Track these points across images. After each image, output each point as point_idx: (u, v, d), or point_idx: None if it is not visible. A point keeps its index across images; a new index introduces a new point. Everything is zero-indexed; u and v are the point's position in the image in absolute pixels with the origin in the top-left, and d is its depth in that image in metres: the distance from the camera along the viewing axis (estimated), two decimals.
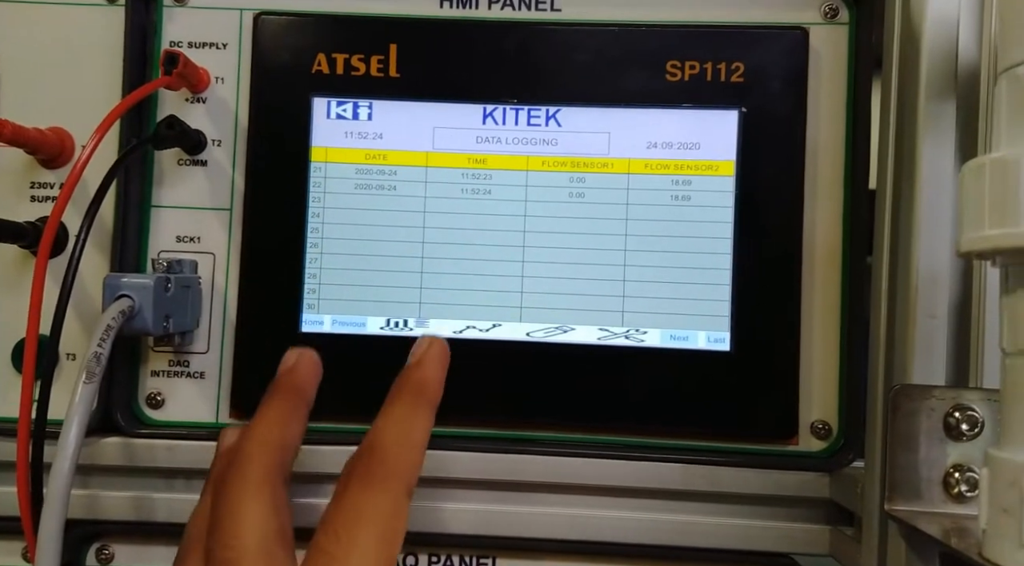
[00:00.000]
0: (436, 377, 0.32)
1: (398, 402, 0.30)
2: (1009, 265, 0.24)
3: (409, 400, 0.30)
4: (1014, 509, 0.22)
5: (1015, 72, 0.23)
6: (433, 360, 0.32)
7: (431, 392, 0.31)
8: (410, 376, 0.31)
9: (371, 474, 0.28)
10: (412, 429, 0.29)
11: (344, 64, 0.39)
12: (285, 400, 0.32)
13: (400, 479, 0.28)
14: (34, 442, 0.33)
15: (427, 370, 0.31)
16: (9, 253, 0.39)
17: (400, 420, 0.29)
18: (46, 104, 0.40)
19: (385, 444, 0.29)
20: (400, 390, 0.31)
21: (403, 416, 0.30)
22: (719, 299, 0.38)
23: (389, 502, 0.27)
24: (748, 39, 0.39)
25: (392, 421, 0.29)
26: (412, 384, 0.31)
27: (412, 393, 0.30)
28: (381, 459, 0.28)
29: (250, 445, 0.30)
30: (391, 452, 0.28)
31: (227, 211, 0.40)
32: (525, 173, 0.39)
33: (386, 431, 0.29)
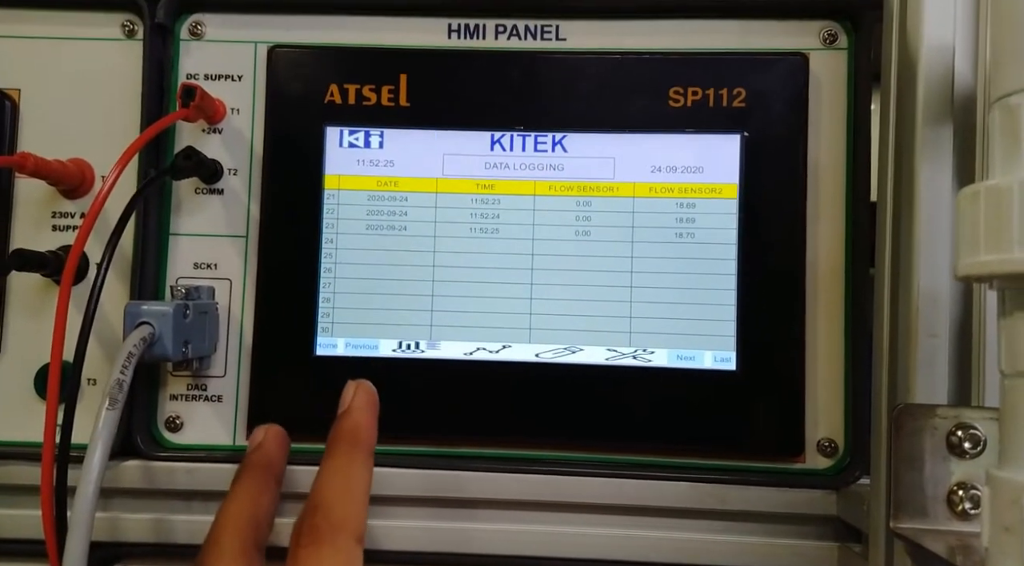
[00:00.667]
0: (367, 422, 0.32)
1: (335, 454, 0.31)
2: (1005, 289, 0.24)
3: (344, 450, 0.31)
4: (1016, 527, 0.23)
5: (1007, 102, 0.24)
6: (361, 406, 0.33)
7: (364, 438, 0.32)
8: (342, 425, 0.32)
9: (319, 532, 0.28)
10: (351, 480, 0.30)
11: (356, 94, 0.40)
12: (254, 477, 0.33)
13: (348, 531, 0.29)
14: (58, 467, 0.34)
15: (356, 416, 0.32)
16: (31, 281, 0.40)
17: (338, 472, 0.30)
18: (67, 136, 0.41)
19: (328, 500, 0.29)
20: (335, 441, 0.31)
21: (341, 468, 0.30)
22: (725, 319, 0.39)
23: (341, 557, 0.28)
24: (749, 65, 0.40)
25: (331, 475, 0.30)
26: (345, 434, 0.32)
27: (346, 443, 0.31)
28: (326, 515, 0.29)
29: (224, 521, 0.31)
30: (335, 507, 0.29)
31: (243, 238, 0.41)
32: (532, 198, 0.40)
33: (327, 487, 0.30)
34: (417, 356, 0.40)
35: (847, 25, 0.40)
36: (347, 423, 0.32)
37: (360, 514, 0.30)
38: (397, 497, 0.39)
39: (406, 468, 0.39)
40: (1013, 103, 0.24)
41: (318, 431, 0.39)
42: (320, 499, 0.29)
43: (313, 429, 0.40)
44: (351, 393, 0.33)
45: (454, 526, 0.39)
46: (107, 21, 0.41)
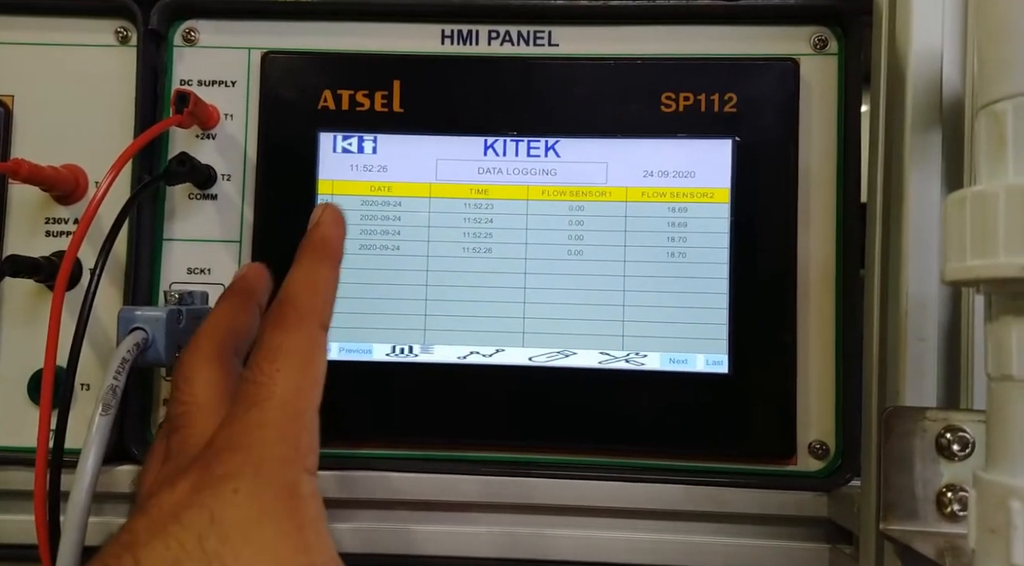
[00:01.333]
0: (335, 234, 0.33)
1: (303, 259, 0.32)
2: (992, 293, 0.25)
3: (312, 255, 0.32)
4: (1001, 529, 0.23)
5: (993, 109, 0.24)
6: (329, 221, 0.33)
7: (332, 248, 0.33)
8: (311, 237, 0.33)
9: (284, 317, 0.30)
10: (317, 278, 0.31)
11: (349, 100, 0.40)
12: (233, 298, 0.34)
13: (313, 317, 0.30)
14: (51, 472, 0.34)
15: (324, 229, 0.33)
16: (25, 287, 0.40)
17: (306, 272, 0.32)
18: (60, 142, 0.41)
19: (294, 292, 0.31)
20: (304, 249, 0.33)
21: (308, 269, 0.32)
22: (717, 322, 0.39)
23: (304, 337, 0.29)
24: (740, 71, 0.40)
25: (299, 274, 0.31)
26: (314, 243, 0.33)
27: (314, 249, 0.32)
28: (292, 304, 0.30)
29: (203, 329, 0.33)
30: (301, 297, 0.30)
31: (237, 243, 0.41)
32: (525, 202, 0.40)
33: (294, 282, 0.31)
34: (411, 360, 0.40)
35: (837, 31, 0.40)
36: (316, 235, 0.33)
37: (326, 304, 0.31)
38: (389, 500, 0.39)
39: (399, 472, 0.39)
40: (999, 110, 0.24)
41: None
42: (287, 292, 0.31)
43: None
44: (319, 212, 0.34)
45: (448, 529, 0.39)
46: (101, 27, 0.41)
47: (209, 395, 0.30)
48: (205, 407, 0.30)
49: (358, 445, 0.40)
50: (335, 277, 0.32)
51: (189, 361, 0.31)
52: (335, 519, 0.39)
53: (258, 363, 0.29)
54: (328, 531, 0.27)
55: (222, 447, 0.27)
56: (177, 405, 0.30)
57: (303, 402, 0.28)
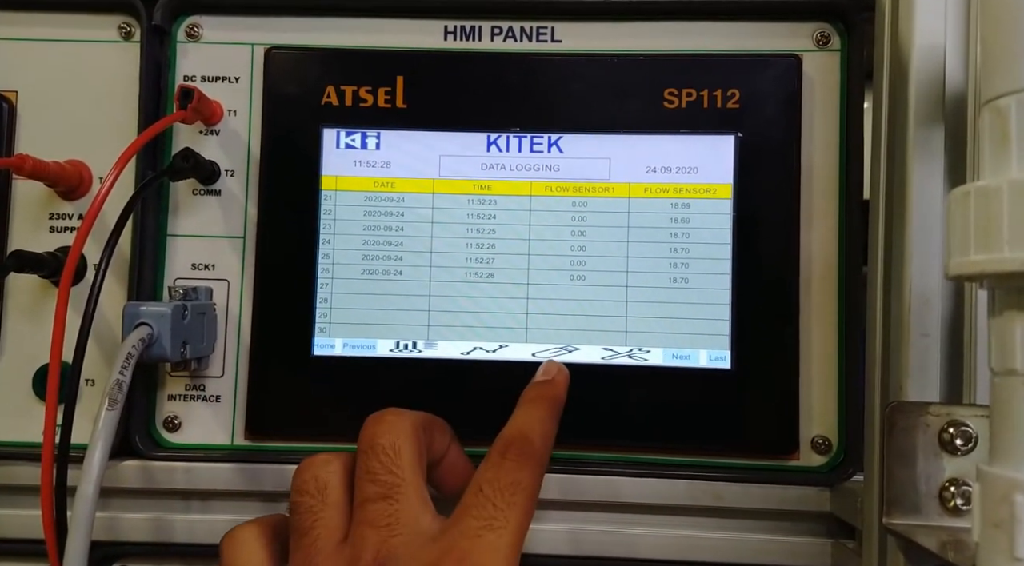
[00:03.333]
0: (564, 398, 0.37)
1: (539, 407, 0.35)
2: (996, 288, 0.25)
3: (547, 407, 0.35)
4: (1005, 523, 0.23)
5: (996, 104, 0.24)
6: (564, 383, 0.37)
7: (560, 408, 0.36)
8: (547, 391, 0.36)
9: (523, 455, 0.32)
10: (548, 429, 0.34)
11: (352, 96, 0.41)
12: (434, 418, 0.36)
13: (544, 462, 0.33)
14: (58, 467, 0.34)
15: (561, 390, 0.36)
16: (29, 283, 0.40)
17: (542, 420, 0.34)
18: (64, 138, 0.41)
19: (532, 435, 0.33)
20: (540, 399, 0.35)
21: (544, 417, 0.34)
22: (719, 318, 0.39)
23: (537, 479, 0.32)
24: (743, 67, 0.40)
25: (535, 419, 0.34)
26: (550, 398, 0.36)
27: (550, 404, 0.35)
28: (531, 444, 0.32)
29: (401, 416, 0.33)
30: (537, 441, 0.33)
31: (240, 239, 0.41)
32: (529, 198, 0.40)
33: (531, 425, 0.33)
34: (414, 356, 0.40)
35: (840, 26, 0.40)
36: (552, 391, 0.36)
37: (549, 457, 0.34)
38: None
39: None
40: (1002, 105, 0.24)
41: (316, 431, 0.40)
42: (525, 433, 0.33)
43: (311, 428, 0.40)
44: (555, 370, 0.37)
45: None
46: (104, 23, 0.41)
47: (416, 472, 0.31)
48: (412, 483, 0.31)
49: None
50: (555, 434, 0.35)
51: (398, 427, 0.32)
52: None
53: (499, 490, 0.30)
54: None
55: (454, 556, 0.28)
56: (384, 472, 0.31)
57: (522, 539, 0.30)
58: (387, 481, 0.30)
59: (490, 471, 0.31)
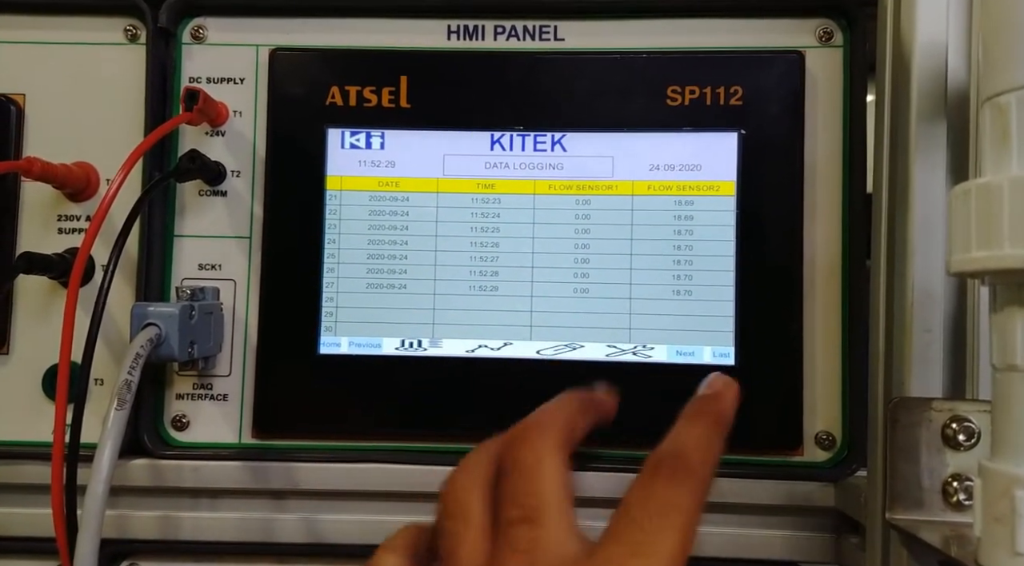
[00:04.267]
0: (731, 416, 0.32)
1: (701, 423, 0.31)
2: (997, 284, 0.25)
3: (710, 423, 0.31)
4: (1006, 518, 0.23)
5: (997, 101, 0.24)
6: (732, 400, 0.33)
7: (727, 427, 0.32)
8: (712, 407, 0.32)
9: (677, 472, 0.28)
10: (712, 445, 0.30)
11: (357, 96, 0.41)
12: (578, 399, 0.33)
13: (705, 482, 0.29)
14: (68, 466, 0.34)
15: (727, 406, 0.32)
16: (38, 284, 0.41)
17: (703, 436, 0.30)
18: (71, 140, 0.41)
19: (690, 451, 0.29)
20: (701, 414, 0.31)
21: (705, 434, 0.30)
22: (723, 315, 0.40)
23: (696, 500, 0.28)
24: (746, 63, 0.40)
25: (695, 435, 0.30)
26: (715, 414, 0.32)
27: (715, 420, 0.31)
28: (687, 461, 0.29)
29: (551, 416, 0.31)
30: (695, 458, 0.29)
31: (247, 239, 0.41)
32: (532, 197, 0.41)
33: (690, 441, 0.30)
34: (419, 354, 0.40)
35: (842, 23, 0.40)
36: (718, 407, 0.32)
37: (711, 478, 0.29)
38: (399, 492, 0.40)
39: (408, 464, 0.40)
40: (1003, 102, 0.24)
41: (323, 428, 0.40)
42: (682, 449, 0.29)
43: (318, 427, 0.40)
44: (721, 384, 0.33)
45: None
46: (110, 26, 0.42)
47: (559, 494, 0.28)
48: (555, 505, 0.28)
49: (367, 438, 0.40)
50: (720, 455, 0.30)
51: (541, 446, 0.29)
52: (343, 510, 0.40)
53: (649, 513, 0.27)
54: None
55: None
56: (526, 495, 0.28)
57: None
58: (530, 504, 0.28)
59: (639, 491, 0.28)
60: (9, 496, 0.40)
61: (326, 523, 0.40)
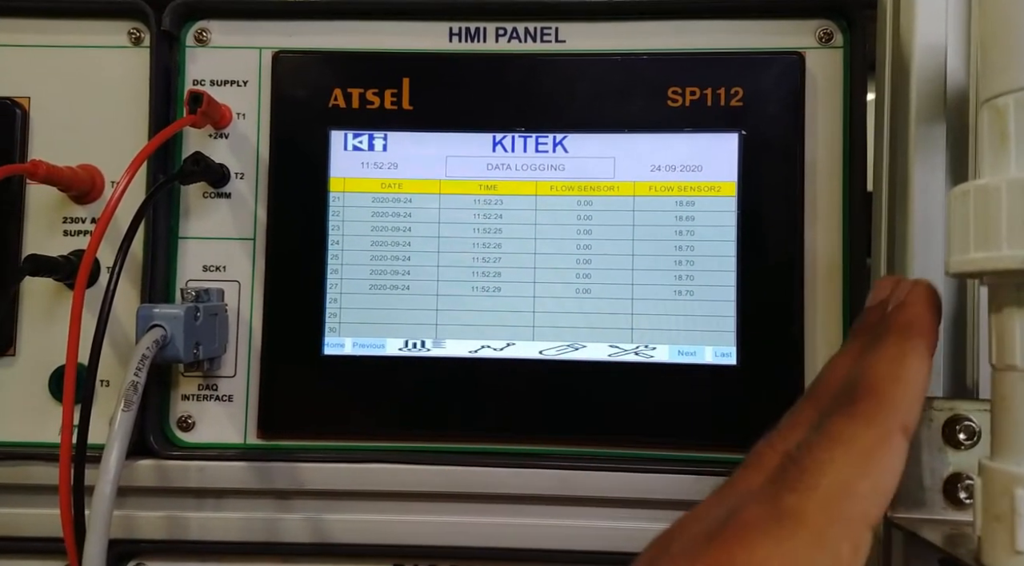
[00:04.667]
0: (928, 317, 0.27)
1: (889, 344, 0.27)
2: (995, 285, 0.25)
3: (899, 340, 0.27)
4: (1006, 516, 0.23)
5: (995, 103, 0.24)
6: (919, 299, 0.28)
7: (925, 332, 0.27)
8: (897, 318, 0.28)
9: (856, 404, 0.25)
10: (905, 367, 0.26)
11: (359, 98, 0.41)
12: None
13: (894, 413, 0.25)
14: (75, 467, 0.35)
15: (914, 310, 0.28)
16: (43, 286, 0.41)
17: (892, 359, 0.26)
18: (76, 143, 0.42)
19: (873, 379, 0.26)
20: (889, 333, 0.27)
21: (895, 355, 0.26)
22: (725, 315, 0.40)
23: (876, 435, 0.24)
24: (746, 64, 0.40)
25: (883, 360, 0.26)
26: (900, 325, 0.27)
27: (901, 333, 0.27)
28: (871, 392, 0.25)
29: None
30: (881, 386, 0.25)
31: (251, 240, 0.42)
32: (534, 198, 0.41)
33: (876, 368, 0.26)
34: (423, 354, 0.41)
35: (842, 24, 0.41)
36: (903, 316, 0.28)
37: (913, 402, 0.25)
38: (403, 492, 0.40)
39: (412, 464, 0.40)
40: (1001, 104, 0.24)
41: (327, 429, 0.41)
42: (868, 379, 0.26)
43: (322, 427, 0.41)
44: (908, 286, 0.29)
45: (461, 520, 0.40)
46: (114, 29, 0.42)
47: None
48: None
49: (371, 438, 0.41)
50: (927, 369, 0.26)
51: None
52: (348, 510, 0.40)
53: (812, 445, 0.24)
54: None
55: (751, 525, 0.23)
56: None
57: (854, 508, 0.23)
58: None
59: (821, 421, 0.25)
60: (17, 497, 0.40)
61: (331, 523, 0.40)
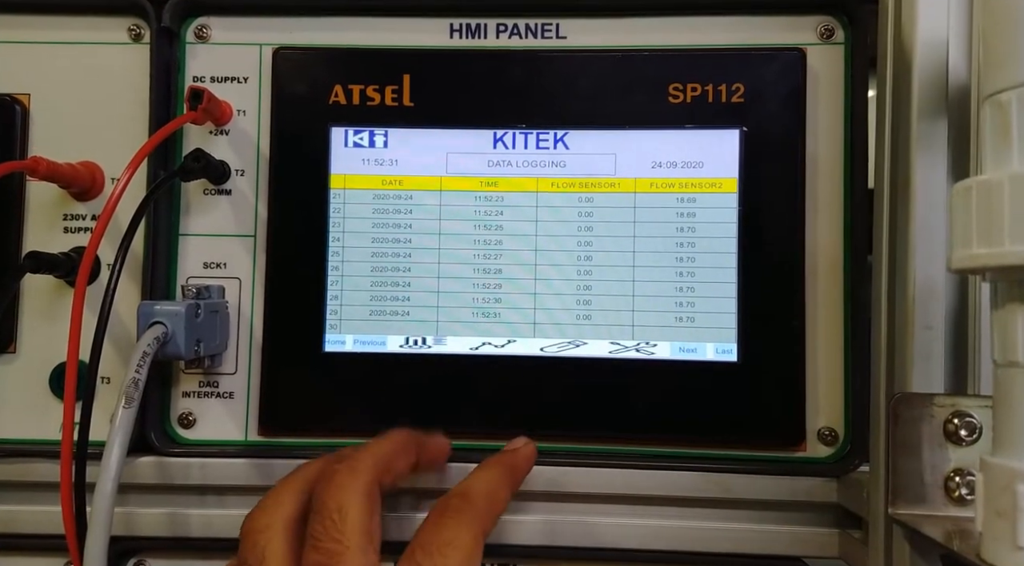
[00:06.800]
0: (525, 468, 0.37)
1: (492, 470, 0.35)
2: (998, 281, 0.25)
3: (501, 471, 0.35)
4: (1008, 512, 0.23)
5: (997, 99, 0.24)
6: (528, 455, 0.37)
7: (519, 477, 0.37)
8: (506, 459, 0.36)
9: (461, 512, 0.31)
10: (499, 490, 0.34)
11: (360, 95, 0.41)
12: (401, 438, 0.36)
13: (486, 521, 0.32)
14: (77, 463, 0.35)
15: (521, 460, 0.37)
16: (44, 283, 0.41)
17: (491, 481, 0.34)
18: (76, 139, 0.42)
19: (476, 493, 0.33)
20: (495, 463, 0.36)
21: (494, 480, 0.34)
22: (726, 311, 0.40)
23: (475, 537, 0.31)
24: (747, 61, 0.40)
25: (484, 480, 0.34)
26: (507, 464, 0.36)
27: (506, 469, 0.36)
28: (472, 502, 0.32)
29: (365, 456, 0.33)
30: (480, 500, 0.32)
31: (251, 237, 0.42)
32: (535, 194, 0.41)
33: (478, 485, 0.34)
34: (424, 351, 0.41)
35: (844, 20, 0.41)
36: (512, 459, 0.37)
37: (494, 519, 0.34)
38: (403, 489, 0.40)
39: None
40: (1003, 100, 0.24)
41: (328, 426, 0.41)
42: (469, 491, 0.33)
43: (323, 424, 0.41)
44: (522, 443, 0.38)
45: None
46: (114, 26, 0.42)
47: (359, 534, 0.30)
48: (356, 550, 0.29)
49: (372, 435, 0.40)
50: (508, 501, 0.35)
51: (346, 487, 0.31)
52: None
53: (430, 553, 0.29)
54: None
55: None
56: (327, 539, 0.29)
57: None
58: (329, 549, 0.29)
59: (425, 534, 0.31)
60: (18, 494, 0.40)
61: None
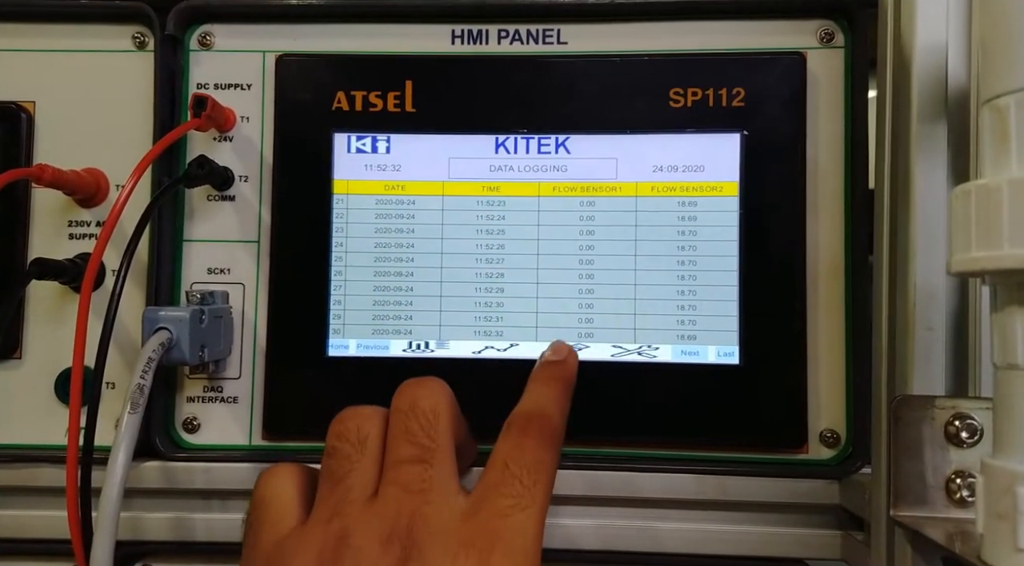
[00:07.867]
0: (575, 376, 0.37)
1: (556, 386, 0.35)
2: (997, 284, 0.25)
3: (562, 386, 0.35)
4: (1008, 514, 0.23)
5: (996, 103, 0.25)
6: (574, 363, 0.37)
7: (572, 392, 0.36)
8: (563, 371, 0.36)
9: (544, 433, 0.32)
10: (566, 409, 0.34)
11: (362, 101, 0.41)
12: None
13: (561, 443, 0.33)
14: (83, 468, 0.35)
15: (572, 370, 0.36)
16: (49, 289, 0.41)
17: (559, 399, 0.34)
18: (81, 146, 0.42)
19: (552, 413, 0.33)
20: (554, 379, 0.35)
21: (560, 396, 0.34)
22: (728, 315, 0.40)
23: (557, 457, 0.32)
24: (748, 65, 0.40)
25: (552, 398, 0.34)
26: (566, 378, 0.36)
27: (565, 383, 0.35)
28: (551, 423, 0.32)
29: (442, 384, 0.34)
30: (556, 419, 0.33)
31: (255, 243, 0.42)
32: (537, 199, 0.41)
33: (550, 404, 0.33)
34: (427, 356, 0.41)
35: (844, 24, 0.41)
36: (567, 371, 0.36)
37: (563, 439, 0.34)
38: None
39: None
40: (1002, 104, 0.24)
41: None
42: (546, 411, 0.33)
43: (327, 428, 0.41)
44: (566, 351, 0.37)
45: None
46: (118, 33, 0.42)
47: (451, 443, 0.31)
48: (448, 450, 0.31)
49: None
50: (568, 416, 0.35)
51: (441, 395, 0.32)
52: None
53: (526, 468, 0.30)
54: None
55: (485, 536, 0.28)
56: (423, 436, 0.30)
57: (545, 518, 0.30)
58: (425, 444, 0.30)
59: (513, 448, 0.31)
60: (24, 498, 0.41)
61: None
